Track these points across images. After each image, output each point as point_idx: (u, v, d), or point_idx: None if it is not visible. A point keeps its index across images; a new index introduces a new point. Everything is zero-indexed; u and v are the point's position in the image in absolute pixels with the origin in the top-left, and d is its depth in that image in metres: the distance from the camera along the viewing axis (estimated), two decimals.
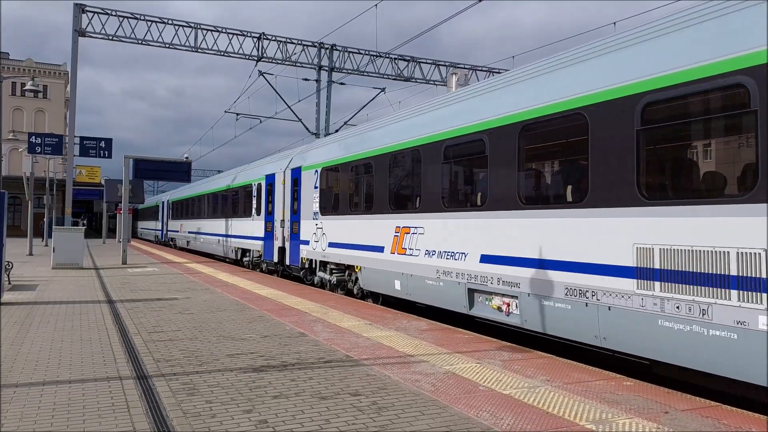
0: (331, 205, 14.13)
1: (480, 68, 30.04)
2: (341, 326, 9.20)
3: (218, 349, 7.43)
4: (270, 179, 19.08)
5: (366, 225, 12.23)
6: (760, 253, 5.13)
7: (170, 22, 24.76)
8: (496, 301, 8.52)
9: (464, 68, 29.13)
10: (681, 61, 5.95)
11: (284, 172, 17.61)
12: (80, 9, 22.90)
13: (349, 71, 28.63)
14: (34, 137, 24.47)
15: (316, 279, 15.40)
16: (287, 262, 17.16)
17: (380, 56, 28.82)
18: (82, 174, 48.28)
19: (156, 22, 24.51)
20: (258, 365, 6.57)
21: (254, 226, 20.69)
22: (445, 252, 9.64)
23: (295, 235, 16.43)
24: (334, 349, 7.46)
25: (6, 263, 12.48)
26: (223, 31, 25.80)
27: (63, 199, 23.77)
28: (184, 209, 35.24)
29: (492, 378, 6.13)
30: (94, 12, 23.26)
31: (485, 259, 8.68)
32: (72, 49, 22.22)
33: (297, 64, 27.76)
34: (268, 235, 18.95)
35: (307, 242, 15.47)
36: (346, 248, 13.17)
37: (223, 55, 25.89)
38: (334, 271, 14.23)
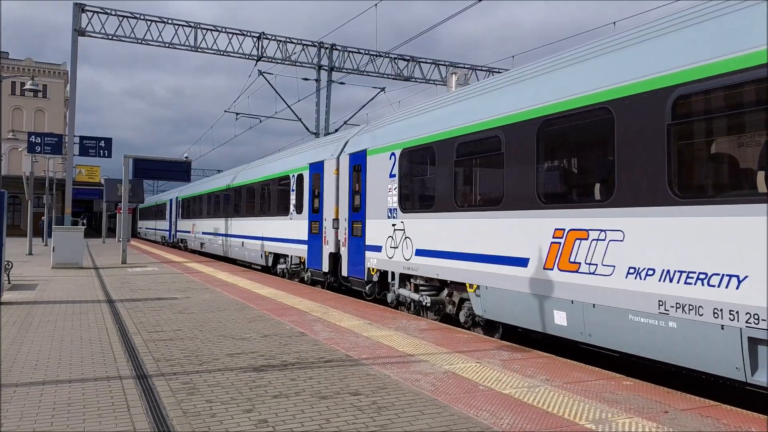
0: (420, 200, 10.76)
1: (480, 68, 30.04)
2: (341, 326, 9.20)
3: (218, 348, 7.44)
4: (316, 168, 15.53)
5: (491, 226, 8.67)
6: None
7: (170, 21, 24.76)
8: None
9: (464, 68, 29.14)
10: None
11: (338, 158, 14.22)
12: (80, 8, 22.89)
13: (349, 71, 28.63)
14: (33, 137, 24.48)
15: (390, 296, 11.83)
16: (344, 273, 13.62)
17: (380, 56, 28.82)
18: (82, 173, 48.32)
19: (156, 21, 24.50)
20: (258, 365, 6.57)
21: (294, 226, 17.05)
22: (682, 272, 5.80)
23: (357, 238, 13.01)
24: (334, 349, 7.46)
25: (6, 263, 12.48)
26: (223, 30, 25.80)
27: (63, 198, 23.78)
28: (198, 207, 31.40)
29: (492, 377, 6.13)
30: (94, 11, 23.25)
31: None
32: (72, 48, 22.22)
33: (297, 64, 27.76)
34: (314, 238, 15.42)
35: (377, 248, 12.06)
36: (447, 258, 9.69)
37: (223, 55, 25.90)
38: (422, 288, 10.71)
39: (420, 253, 10.51)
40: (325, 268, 14.65)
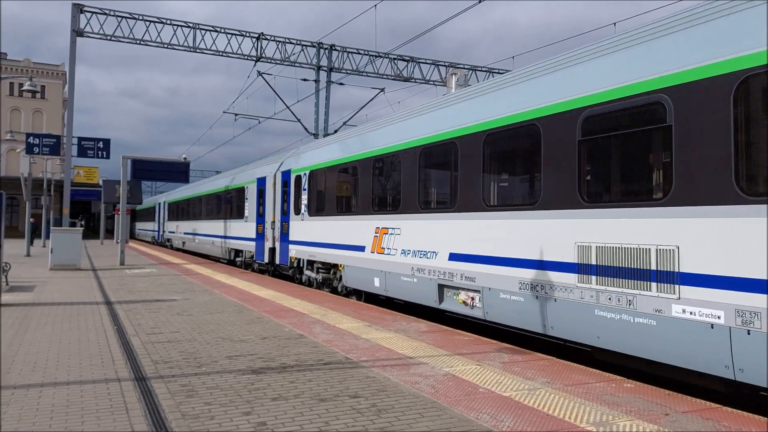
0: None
1: (480, 68, 30.05)
2: (340, 328, 9.17)
3: (217, 350, 7.41)
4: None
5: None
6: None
7: (168, 22, 24.73)
8: None
9: (464, 68, 29.13)
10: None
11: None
12: (78, 9, 22.85)
13: (348, 71, 28.62)
14: (31, 138, 24.39)
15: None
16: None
17: (379, 56, 28.81)
18: (80, 174, 48.20)
19: (154, 21, 24.48)
20: (257, 367, 6.55)
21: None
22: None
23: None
24: (334, 351, 7.44)
25: (4, 264, 12.44)
26: (222, 31, 25.78)
27: (61, 199, 23.68)
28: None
29: (492, 380, 6.11)
30: (93, 12, 23.22)
31: None
32: (70, 49, 22.18)
33: (296, 65, 27.75)
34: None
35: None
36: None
37: (222, 56, 25.88)
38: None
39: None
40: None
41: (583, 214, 7.08)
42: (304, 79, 28.50)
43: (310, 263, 15.37)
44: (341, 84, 29.87)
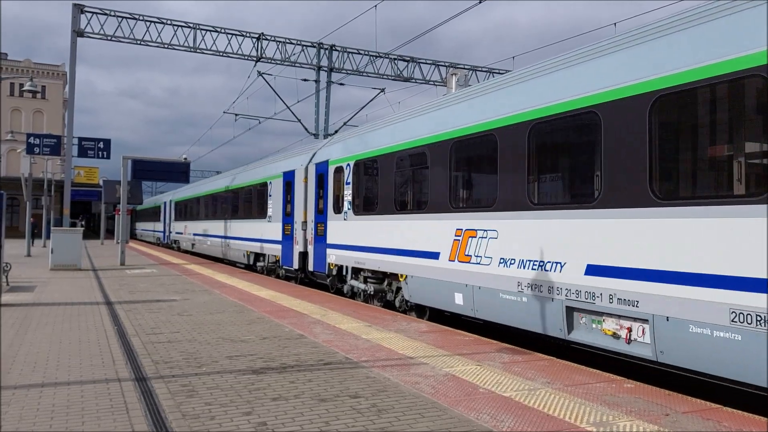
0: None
1: (480, 68, 30.05)
2: (341, 328, 9.18)
3: (217, 350, 7.41)
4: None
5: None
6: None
7: (169, 22, 24.73)
8: None
9: (464, 68, 29.14)
10: None
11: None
12: (79, 9, 22.86)
13: (349, 72, 28.62)
14: (32, 138, 24.41)
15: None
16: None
17: (380, 57, 28.82)
18: (81, 175, 48.21)
19: (155, 22, 24.47)
20: (257, 367, 6.55)
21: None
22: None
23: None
24: (334, 351, 7.44)
25: (4, 264, 12.45)
26: (222, 31, 25.78)
27: (61, 199, 23.68)
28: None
29: (492, 380, 6.11)
30: (93, 12, 23.22)
31: None
32: (71, 49, 22.17)
33: (296, 65, 27.74)
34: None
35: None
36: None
37: (222, 56, 25.88)
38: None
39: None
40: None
41: None
42: (305, 80, 28.51)
43: (356, 271, 13.08)
44: (341, 84, 29.89)
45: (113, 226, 58.99)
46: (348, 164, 13.30)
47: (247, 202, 21.84)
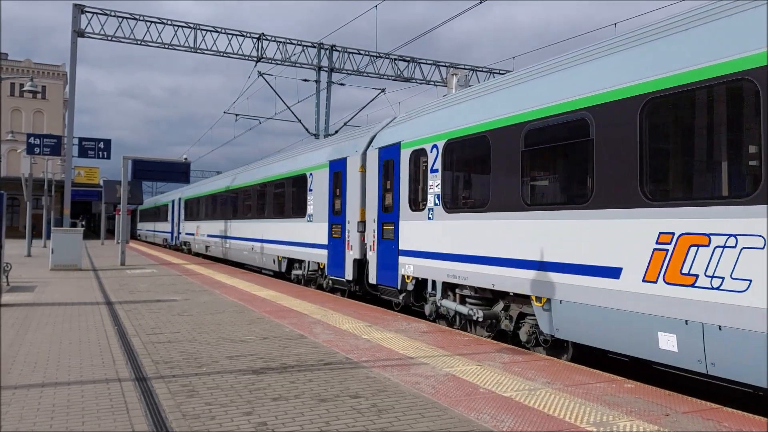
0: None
1: (480, 68, 30.07)
2: (341, 328, 9.18)
3: (217, 351, 7.41)
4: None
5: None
6: None
7: (169, 22, 24.75)
8: None
9: (464, 69, 29.15)
10: None
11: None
12: (79, 10, 22.88)
13: (349, 72, 28.65)
14: (32, 138, 24.44)
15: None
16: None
17: (380, 57, 28.83)
18: (81, 175, 48.25)
19: (155, 22, 24.49)
20: (257, 367, 6.55)
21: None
22: None
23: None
24: (334, 351, 7.44)
25: (5, 264, 12.45)
26: (223, 31, 25.79)
27: (61, 200, 23.70)
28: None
29: (492, 380, 6.11)
30: (94, 12, 23.24)
31: None
32: (71, 49, 22.19)
33: (296, 65, 27.77)
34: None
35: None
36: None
37: (223, 56, 25.90)
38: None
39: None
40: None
41: None
42: (305, 80, 28.54)
43: (448, 288, 10.05)
44: (342, 84, 29.94)
45: (114, 227, 58.95)
46: (434, 145, 10.16)
47: (278, 199, 18.61)
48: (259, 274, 19.38)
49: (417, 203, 10.75)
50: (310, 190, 15.80)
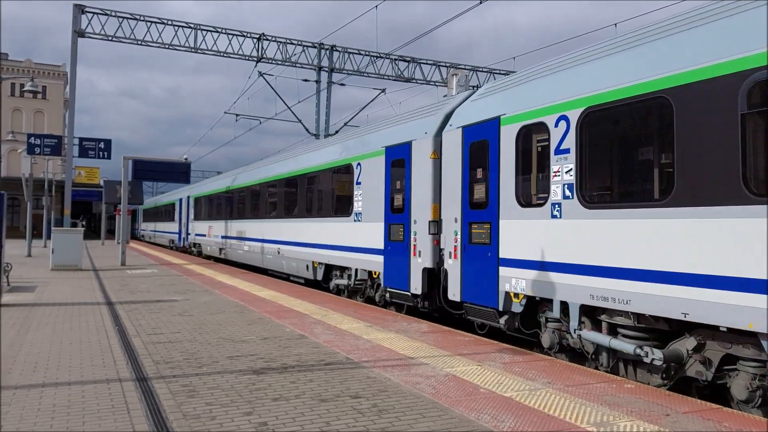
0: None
1: (481, 69, 30.08)
2: (341, 328, 9.18)
3: (218, 351, 7.42)
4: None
5: None
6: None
7: (169, 22, 24.76)
8: None
9: (465, 69, 29.16)
10: None
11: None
12: (80, 10, 22.89)
13: (349, 72, 28.66)
14: (33, 138, 24.46)
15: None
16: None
17: (380, 57, 28.84)
18: (81, 175, 48.27)
19: (155, 22, 24.50)
20: (258, 367, 6.56)
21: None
22: None
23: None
24: (335, 351, 7.45)
25: (5, 264, 12.46)
26: (223, 31, 25.80)
27: (62, 200, 23.71)
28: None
29: (493, 380, 6.12)
30: (94, 13, 23.25)
31: None
32: (71, 50, 22.20)
33: (297, 65, 27.78)
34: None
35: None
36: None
37: (223, 56, 25.91)
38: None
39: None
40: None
41: None
42: (305, 80, 28.55)
43: (584, 312, 7.37)
44: (342, 84, 29.96)
45: (114, 227, 58.91)
46: (561, 117, 7.60)
47: (312, 195, 15.99)
48: (259, 275, 19.31)
49: (529, 197, 8.22)
50: (358, 183, 13.17)
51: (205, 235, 29.00)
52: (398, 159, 11.54)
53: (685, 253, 6.00)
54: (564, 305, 7.62)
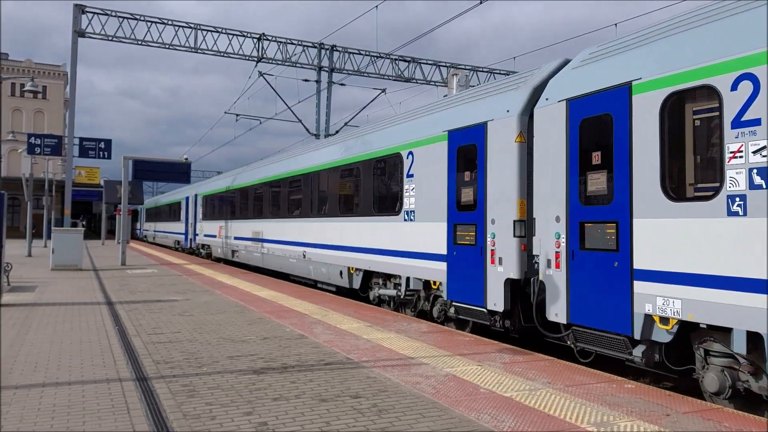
0: None
1: (481, 69, 30.09)
2: (341, 328, 9.18)
3: (218, 351, 7.42)
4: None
5: None
6: None
7: (170, 22, 24.76)
8: None
9: (465, 69, 29.16)
10: None
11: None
12: (80, 10, 22.90)
13: (350, 72, 28.67)
14: (33, 138, 24.49)
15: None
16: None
17: (380, 57, 28.85)
18: (81, 175, 48.28)
19: (156, 22, 24.50)
20: (258, 367, 6.56)
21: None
22: None
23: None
24: (335, 351, 7.45)
25: (5, 264, 12.46)
26: (223, 31, 25.80)
27: (62, 200, 23.71)
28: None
29: (493, 380, 6.12)
30: (94, 13, 23.26)
31: None
32: (71, 50, 22.21)
33: (297, 65, 27.78)
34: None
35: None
36: None
37: (223, 56, 25.91)
38: None
39: None
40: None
41: None
42: (306, 80, 28.55)
43: None
44: (342, 84, 29.96)
45: (114, 227, 58.87)
46: (744, 77, 5.68)
47: (350, 190, 13.93)
48: (259, 275, 19.29)
49: (683, 188, 6.25)
50: (409, 175, 11.24)
51: (215, 236, 26.85)
52: (466, 145, 9.63)
53: None
54: (754, 337, 5.45)
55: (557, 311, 7.60)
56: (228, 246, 24.32)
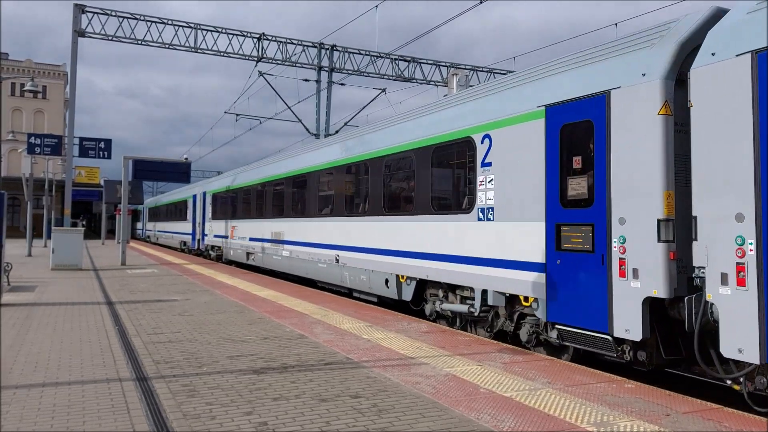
0: None
1: (481, 68, 30.08)
2: (341, 328, 9.18)
3: (218, 350, 7.42)
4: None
5: None
6: None
7: (170, 22, 24.76)
8: None
9: (465, 69, 29.16)
10: None
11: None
12: (80, 9, 22.89)
13: (350, 72, 28.67)
14: (33, 138, 24.50)
15: None
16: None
17: (380, 57, 28.85)
18: (81, 175, 48.28)
19: (156, 22, 24.50)
20: (258, 367, 6.56)
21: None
22: None
23: None
24: (335, 351, 7.45)
25: (5, 264, 12.47)
26: (223, 31, 25.80)
27: (62, 200, 23.70)
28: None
29: (493, 380, 6.12)
30: (94, 12, 23.26)
31: None
32: (71, 49, 22.20)
33: (297, 65, 27.78)
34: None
35: None
36: None
37: (223, 56, 25.91)
38: None
39: None
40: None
41: None
42: (306, 80, 28.56)
43: None
44: (342, 84, 29.97)
45: (114, 227, 58.83)
46: None
47: (398, 184, 11.78)
48: (259, 275, 19.27)
49: None
50: (485, 164, 9.13)
51: (226, 237, 24.50)
52: (576, 122, 7.55)
53: None
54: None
55: (741, 346, 5.47)
56: (242, 248, 22.27)
